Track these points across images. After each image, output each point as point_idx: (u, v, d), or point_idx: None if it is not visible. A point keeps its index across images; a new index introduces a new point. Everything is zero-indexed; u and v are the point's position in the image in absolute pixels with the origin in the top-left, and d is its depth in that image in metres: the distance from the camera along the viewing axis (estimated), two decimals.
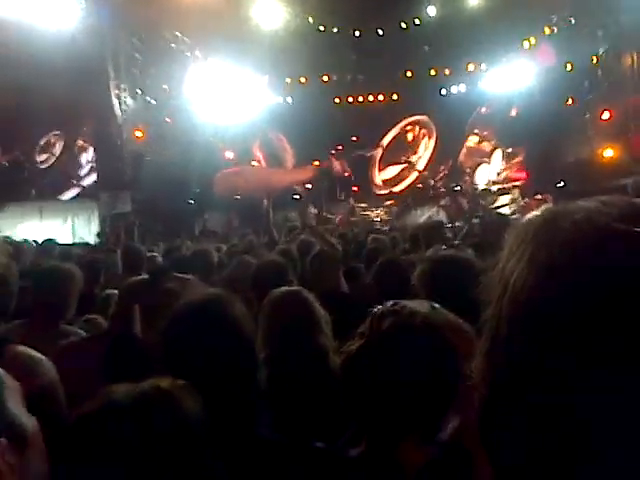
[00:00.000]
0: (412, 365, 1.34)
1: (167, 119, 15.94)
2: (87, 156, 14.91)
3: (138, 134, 14.46)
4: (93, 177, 14.78)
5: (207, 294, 1.80)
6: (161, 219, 13.72)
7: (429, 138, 18.63)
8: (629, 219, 0.53)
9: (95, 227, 13.36)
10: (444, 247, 3.69)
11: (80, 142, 14.85)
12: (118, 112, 13.67)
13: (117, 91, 13.55)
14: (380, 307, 1.44)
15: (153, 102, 15.42)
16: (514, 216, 11.10)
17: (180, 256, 5.25)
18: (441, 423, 1.35)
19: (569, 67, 15.68)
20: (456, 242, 3.61)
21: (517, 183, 16.79)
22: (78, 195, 14.73)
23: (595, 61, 14.91)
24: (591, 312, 0.50)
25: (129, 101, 14.10)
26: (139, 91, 14.66)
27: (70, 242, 11.26)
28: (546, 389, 0.53)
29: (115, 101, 13.51)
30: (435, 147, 18.64)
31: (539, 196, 15.85)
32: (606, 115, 14.33)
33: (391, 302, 1.45)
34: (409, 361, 1.35)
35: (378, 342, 1.38)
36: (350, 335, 1.49)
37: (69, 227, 13.35)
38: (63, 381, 2.11)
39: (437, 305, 1.47)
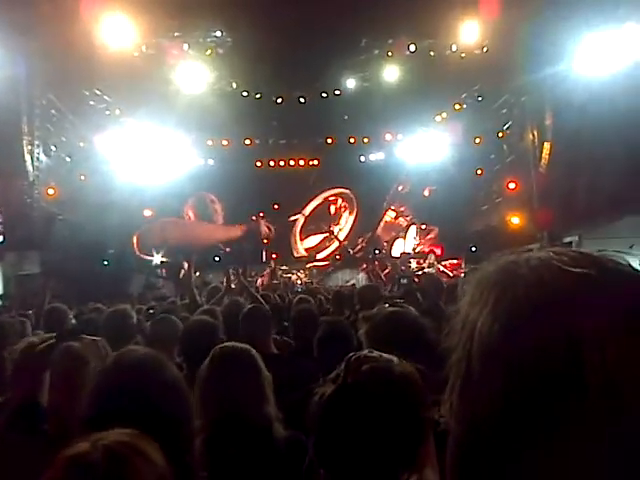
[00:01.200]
0: (389, 409, 1.35)
1: (82, 177, 15.43)
2: None
3: (51, 192, 13.86)
4: None
5: (143, 353, 1.68)
6: (73, 281, 13.03)
7: (350, 213, 19.13)
8: (579, 263, 0.57)
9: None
10: (387, 305, 3.70)
11: None
12: (30, 168, 13.09)
13: (30, 147, 13.01)
14: (355, 354, 1.46)
15: (67, 159, 14.93)
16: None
17: (94, 317, 4.96)
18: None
19: (477, 140, 16.84)
20: (399, 300, 3.63)
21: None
22: None
23: (501, 136, 16.07)
24: (552, 356, 0.53)
25: (42, 157, 13.56)
26: (53, 148, 14.16)
27: None
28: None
29: (27, 157, 12.95)
30: (354, 221, 19.15)
31: (454, 261, 16.58)
32: (512, 185, 15.34)
33: (366, 350, 1.49)
34: (387, 405, 1.35)
35: (355, 386, 1.38)
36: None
37: None
38: None
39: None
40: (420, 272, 13.86)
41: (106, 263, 15.53)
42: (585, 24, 10.96)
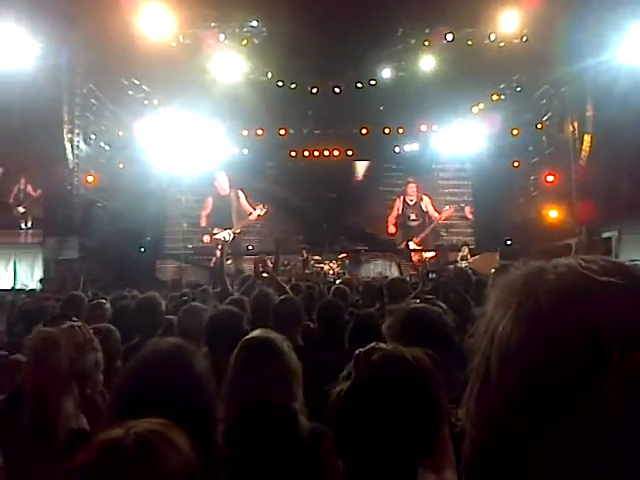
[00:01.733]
0: (403, 392, 1.37)
1: (120, 166, 15.75)
2: (32, 198, 14.55)
3: (90, 179, 14.20)
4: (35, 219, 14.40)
5: (172, 344, 1.72)
6: (110, 267, 13.35)
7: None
8: (609, 273, 0.57)
9: (39, 273, 12.85)
10: (417, 300, 3.68)
11: (26, 184, 14.51)
12: (70, 156, 13.42)
13: (70, 135, 13.33)
14: (361, 349, 1.47)
15: (107, 148, 15.25)
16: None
17: (126, 303, 5.07)
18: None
19: (515, 132, 16.52)
20: (429, 296, 3.63)
21: (467, 241, 17.21)
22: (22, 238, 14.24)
23: (540, 127, 15.73)
24: (572, 355, 0.53)
25: (82, 146, 13.89)
26: (93, 136, 14.49)
27: (9, 288, 10.79)
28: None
29: (67, 145, 13.28)
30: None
31: (487, 253, 16.31)
32: (550, 178, 15.03)
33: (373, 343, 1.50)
34: (401, 389, 1.37)
35: (370, 375, 1.41)
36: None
37: (10, 272, 12.82)
38: None
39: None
40: (451, 266, 13.72)
41: (142, 250, 15.84)
42: (630, 13, 10.62)
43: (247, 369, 2.19)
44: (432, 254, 16.82)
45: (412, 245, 17.91)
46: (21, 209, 14.44)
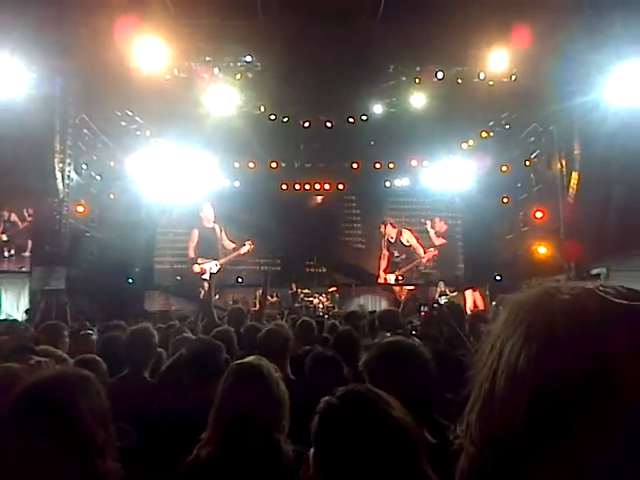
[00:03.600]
0: (368, 428, 1.40)
1: (111, 196, 15.72)
2: (17, 227, 14.45)
3: (80, 209, 14.13)
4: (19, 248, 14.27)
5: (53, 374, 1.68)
6: (97, 298, 13.19)
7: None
8: (624, 297, 0.56)
9: (25, 303, 12.66)
10: (388, 334, 3.68)
11: (10, 214, 14.45)
12: (60, 186, 13.37)
13: (61, 164, 13.31)
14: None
15: (98, 178, 15.23)
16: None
17: (116, 334, 4.96)
18: None
19: (504, 169, 16.74)
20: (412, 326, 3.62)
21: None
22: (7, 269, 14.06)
23: (528, 164, 15.95)
24: (587, 379, 0.52)
25: (73, 175, 13.86)
26: (84, 166, 14.48)
27: None
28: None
29: (58, 174, 13.24)
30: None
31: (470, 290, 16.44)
32: (539, 214, 15.16)
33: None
34: (365, 424, 1.42)
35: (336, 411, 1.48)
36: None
37: None
38: None
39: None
40: (441, 301, 13.71)
41: (131, 281, 15.70)
42: (615, 54, 10.89)
43: (233, 393, 2.19)
44: (411, 288, 16.96)
45: (391, 278, 18.03)
46: (4, 237, 14.32)
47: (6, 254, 14.29)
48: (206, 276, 13.69)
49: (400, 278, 18.05)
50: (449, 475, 0.65)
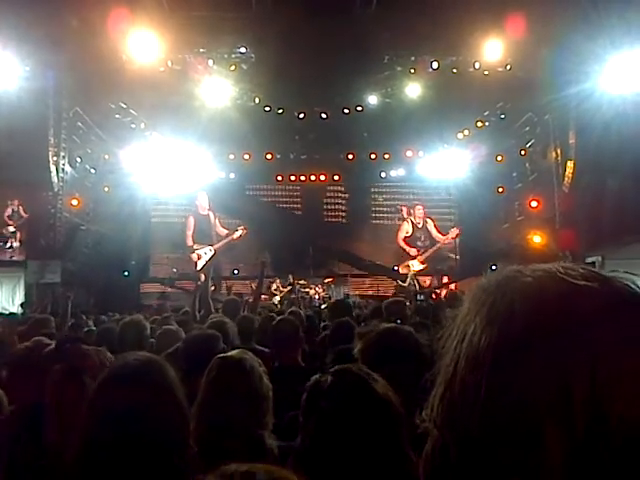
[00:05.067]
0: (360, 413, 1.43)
1: (106, 189, 15.67)
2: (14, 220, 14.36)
3: (74, 203, 14.08)
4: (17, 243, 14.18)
5: (143, 358, 1.69)
6: (93, 291, 13.18)
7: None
8: (585, 278, 0.56)
9: (20, 297, 12.64)
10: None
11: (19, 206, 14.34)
12: (55, 179, 13.32)
13: (55, 158, 13.26)
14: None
15: (92, 171, 15.18)
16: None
17: (112, 326, 5.00)
18: None
19: (500, 158, 16.75)
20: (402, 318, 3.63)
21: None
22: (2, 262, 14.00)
23: (523, 154, 15.95)
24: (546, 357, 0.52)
25: (67, 169, 13.80)
26: (79, 159, 14.42)
27: None
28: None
29: (53, 168, 13.19)
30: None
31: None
32: (534, 204, 15.18)
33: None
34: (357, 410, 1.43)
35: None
36: None
37: None
38: None
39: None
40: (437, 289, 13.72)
41: (127, 274, 15.69)
42: (610, 43, 10.87)
43: (215, 388, 2.19)
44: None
45: (416, 264, 17.37)
46: (11, 228, 14.21)
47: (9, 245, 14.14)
48: (201, 263, 13.57)
49: (423, 266, 17.25)
50: None
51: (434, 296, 8.20)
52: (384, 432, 1.41)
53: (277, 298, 15.66)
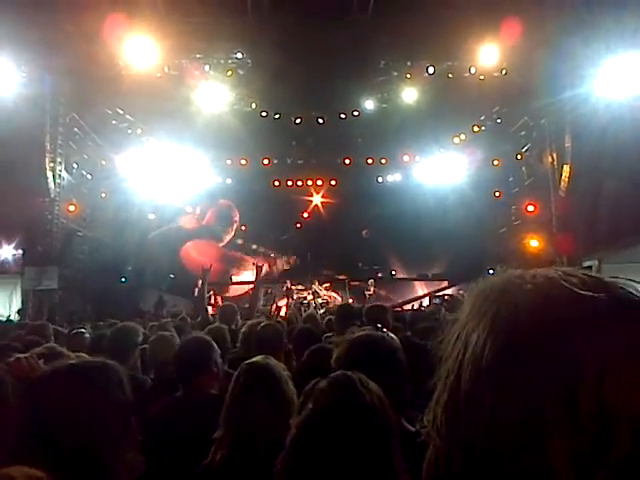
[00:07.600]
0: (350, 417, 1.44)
1: (103, 195, 15.65)
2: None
3: (71, 209, 14.06)
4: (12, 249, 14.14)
5: (77, 363, 1.66)
6: (90, 297, 13.13)
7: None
8: (588, 287, 0.55)
9: (17, 303, 12.60)
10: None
11: None
12: (51, 185, 13.30)
13: (52, 164, 13.24)
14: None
15: (89, 177, 15.16)
16: None
17: (104, 332, 4.97)
18: None
19: (496, 163, 16.78)
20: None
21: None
22: None
23: (519, 158, 15.99)
24: (546, 376, 0.51)
25: (64, 174, 13.78)
26: (75, 165, 14.40)
27: None
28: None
29: (49, 174, 13.17)
30: None
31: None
32: (531, 208, 15.21)
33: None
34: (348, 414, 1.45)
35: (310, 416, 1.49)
36: None
37: None
38: None
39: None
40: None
41: (123, 280, 15.65)
42: (606, 48, 10.92)
43: (244, 394, 2.21)
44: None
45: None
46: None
47: None
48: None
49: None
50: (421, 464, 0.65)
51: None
52: (366, 438, 1.41)
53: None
